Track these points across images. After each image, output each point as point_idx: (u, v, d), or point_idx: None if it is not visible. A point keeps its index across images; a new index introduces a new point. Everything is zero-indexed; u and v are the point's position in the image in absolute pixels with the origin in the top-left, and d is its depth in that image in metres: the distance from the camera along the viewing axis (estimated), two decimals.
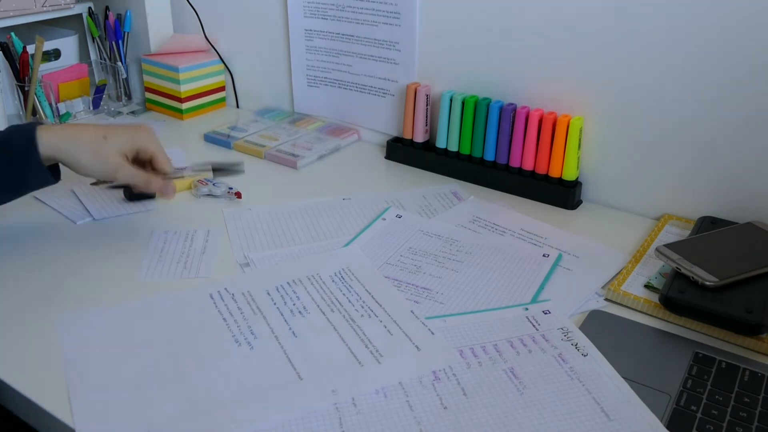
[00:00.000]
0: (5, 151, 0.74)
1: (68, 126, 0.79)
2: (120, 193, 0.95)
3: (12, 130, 0.76)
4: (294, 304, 0.73)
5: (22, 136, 0.74)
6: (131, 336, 0.68)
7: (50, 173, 0.77)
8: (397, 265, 0.81)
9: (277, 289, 0.75)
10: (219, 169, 0.90)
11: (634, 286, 0.76)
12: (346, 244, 0.85)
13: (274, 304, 0.73)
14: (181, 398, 0.60)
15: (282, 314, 0.71)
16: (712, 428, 0.57)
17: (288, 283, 0.76)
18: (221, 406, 0.59)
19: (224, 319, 0.70)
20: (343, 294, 0.75)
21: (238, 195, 0.96)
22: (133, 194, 0.94)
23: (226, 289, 0.75)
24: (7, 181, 0.75)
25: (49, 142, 0.75)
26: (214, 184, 0.96)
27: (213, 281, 0.77)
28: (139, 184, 0.79)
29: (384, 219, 0.91)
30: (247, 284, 0.76)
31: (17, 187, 0.77)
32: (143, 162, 0.82)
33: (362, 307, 0.73)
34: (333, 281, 0.77)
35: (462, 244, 0.85)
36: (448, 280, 0.78)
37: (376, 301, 0.74)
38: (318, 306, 0.73)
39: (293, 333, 0.68)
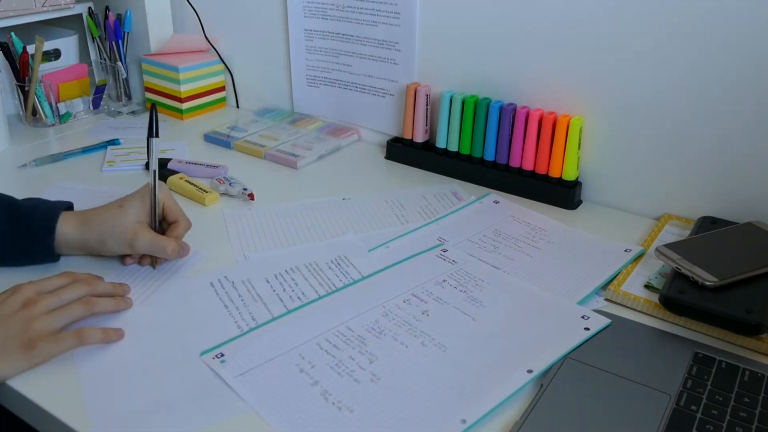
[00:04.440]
0: (26, 226, 0.75)
1: (87, 211, 0.78)
2: None
3: (38, 206, 0.77)
4: (293, 291, 0.75)
5: (46, 217, 0.75)
6: (136, 323, 0.70)
7: (57, 255, 0.77)
8: (477, 243, 0.85)
9: (276, 277, 0.77)
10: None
11: (634, 286, 0.76)
12: (433, 221, 0.89)
13: (274, 291, 0.75)
14: (187, 381, 0.62)
15: (282, 300, 0.73)
16: (712, 428, 0.57)
17: (286, 271, 0.79)
18: (224, 388, 0.61)
19: (225, 306, 0.73)
20: (340, 280, 0.77)
21: (251, 196, 0.96)
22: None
23: (225, 277, 0.77)
24: (19, 250, 0.76)
25: (71, 231, 0.76)
26: (230, 184, 0.97)
27: (211, 270, 0.79)
28: (156, 253, 0.76)
29: (481, 203, 0.95)
30: (246, 273, 0.78)
31: (24, 259, 0.77)
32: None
33: None
34: (330, 268, 0.79)
35: (547, 233, 0.87)
36: (520, 262, 0.81)
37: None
38: (316, 292, 0.75)
39: None
